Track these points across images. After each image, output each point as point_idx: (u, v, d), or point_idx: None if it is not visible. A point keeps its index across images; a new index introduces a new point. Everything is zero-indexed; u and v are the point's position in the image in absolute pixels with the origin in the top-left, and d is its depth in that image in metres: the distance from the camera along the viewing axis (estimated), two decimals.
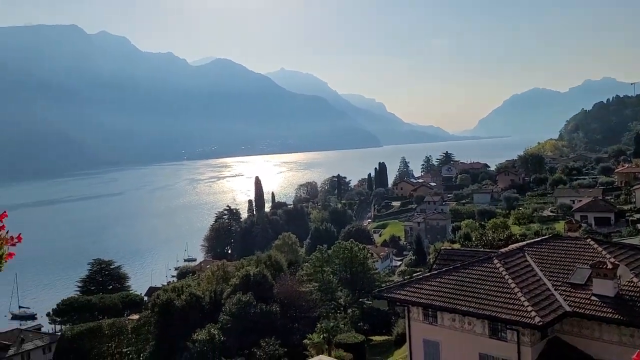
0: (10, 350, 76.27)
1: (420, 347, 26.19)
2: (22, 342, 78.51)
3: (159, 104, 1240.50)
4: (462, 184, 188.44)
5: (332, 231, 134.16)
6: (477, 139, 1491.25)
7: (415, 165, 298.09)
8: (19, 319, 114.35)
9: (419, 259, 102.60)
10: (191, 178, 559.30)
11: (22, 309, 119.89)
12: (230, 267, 78.31)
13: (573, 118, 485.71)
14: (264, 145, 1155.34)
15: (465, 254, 30.53)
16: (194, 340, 54.70)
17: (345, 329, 50.31)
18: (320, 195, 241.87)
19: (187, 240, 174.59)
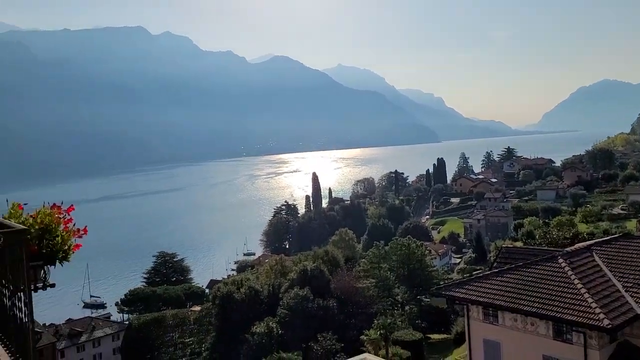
0: (82, 337, 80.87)
1: (481, 347, 25.67)
2: (93, 329, 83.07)
3: (219, 102, 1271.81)
4: (524, 180, 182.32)
5: (390, 227, 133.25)
6: (541, 133, 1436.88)
7: (475, 161, 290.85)
8: (90, 308, 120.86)
9: (479, 257, 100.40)
10: (250, 174, 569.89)
11: (92, 298, 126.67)
12: (288, 261, 79.45)
13: None
14: (321, 141, 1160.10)
15: (528, 253, 29.64)
16: (253, 333, 55.93)
17: (402, 326, 50.01)
18: (378, 191, 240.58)
19: (246, 235, 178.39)
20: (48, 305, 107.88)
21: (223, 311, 64.44)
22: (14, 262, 4.48)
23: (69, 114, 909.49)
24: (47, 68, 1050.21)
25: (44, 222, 4.88)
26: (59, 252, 4.90)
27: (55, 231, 4.91)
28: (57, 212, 5.01)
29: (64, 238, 4.94)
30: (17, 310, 4.58)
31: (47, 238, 4.86)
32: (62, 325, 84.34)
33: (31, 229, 4.77)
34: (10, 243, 4.51)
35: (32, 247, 4.68)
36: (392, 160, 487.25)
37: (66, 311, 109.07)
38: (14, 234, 4.47)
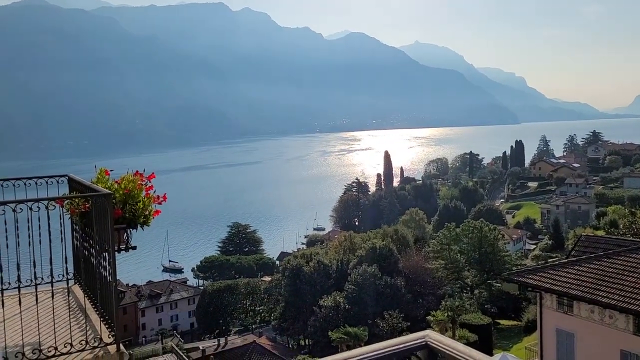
0: (161, 298, 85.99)
1: (553, 336, 24.80)
2: (171, 292, 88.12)
3: (295, 78, 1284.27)
4: (610, 167, 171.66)
5: (462, 209, 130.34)
6: (632, 117, 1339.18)
7: (556, 144, 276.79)
8: (169, 272, 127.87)
9: (556, 244, 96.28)
10: (322, 150, 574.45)
11: (171, 263, 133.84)
12: (357, 238, 79.95)
13: None
14: (395, 119, 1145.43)
15: (609, 242, 28.08)
16: (321, 306, 57.08)
17: (471, 309, 49.18)
18: (451, 172, 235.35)
19: (316, 210, 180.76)
20: (131, 267, 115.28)
21: (292, 283, 66.11)
22: (101, 223, 4.83)
23: (159, 88, 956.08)
24: (138, 43, 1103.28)
25: (127, 188, 5.22)
26: (140, 217, 5.23)
27: (138, 197, 5.24)
28: (140, 179, 5.33)
29: (145, 204, 5.26)
30: (102, 269, 4.94)
31: (130, 203, 5.19)
32: (143, 286, 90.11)
33: (116, 194, 5.11)
34: (97, 205, 4.87)
35: (117, 211, 5.02)
36: (468, 141, 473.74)
37: (147, 274, 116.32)
38: (101, 197, 4.81)
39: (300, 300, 64.64)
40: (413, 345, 4.09)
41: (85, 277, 5.79)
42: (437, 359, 4.08)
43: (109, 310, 4.93)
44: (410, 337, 4.20)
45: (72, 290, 6.17)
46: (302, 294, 64.44)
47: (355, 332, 46.21)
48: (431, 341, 4.03)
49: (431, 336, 4.19)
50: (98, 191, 4.98)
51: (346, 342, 45.94)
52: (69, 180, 6.48)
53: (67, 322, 4.95)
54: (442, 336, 4.21)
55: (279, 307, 71.58)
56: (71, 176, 6.43)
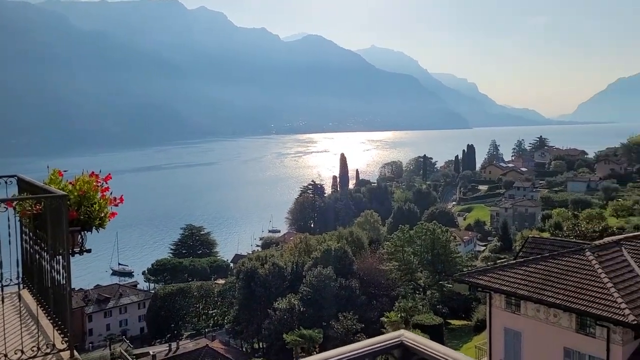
0: (110, 303, 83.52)
1: (501, 335, 25.64)
2: (120, 296, 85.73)
3: (252, 79, 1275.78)
4: (555, 171, 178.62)
5: (415, 212, 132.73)
6: (576, 124, 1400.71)
7: (505, 149, 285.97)
8: (118, 275, 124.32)
9: (504, 246, 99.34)
10: (279, 152, 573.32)
11: (121, 266, 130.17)
12: (312, 240, 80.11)
13: None
14: (351, 122, 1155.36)
15: (554, 244, 29.24)
16: (275, 309, 56.86)
17: (423, 310, 50.17)
18: (405, 175, 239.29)
19: (272, 212, 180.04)
20: (79, 271, 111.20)
21: (247, 286, 65.58)
22: (54, 226, 4.68)
23: (112, 86, 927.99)
24: (88, 39, 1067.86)
25: (82, 189, 5.08)
26: (96, 219, 5.10)
27: (93, 198, 5.10)
28: (95, 180, 5.20)
29: (101, 205, 5.13)
30: (55, 273, 4.79)
31: (85, 205, 5.06)
32: (90, 290, 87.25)
33: (70, 195, 4.96)
34: (51, 208, 4.72)
35: (71, 213, 4.88)
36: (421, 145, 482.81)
37: (95, 278, 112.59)
38: (55, 199, 4.66)
39: (254, 303, 64.20)
40: (389, 344, 4.21)
41: (37, 281, 5.59)
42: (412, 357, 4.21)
43: (63, 315, 4.78)
44: (385, 337, 4.32)
45: (21, 295, 5.94)
46: (257, 296, 64.03)
47: (310, 335, 46.30)
48: (406, 340, 4.17)
49: (406, 335, 4.34)
50: (52, 192, 4.83)
51: (301, 344, 45.96)
52: (18, 181, 6.20)
53: (18, 328, 4.77)
54: (416, 335, 4.36)
55: (232, 310, 70.86)
56: (21, 176, 6.16)
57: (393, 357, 4.17)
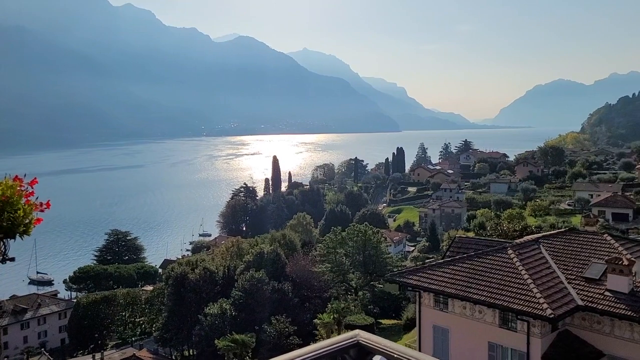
0: (27, 314, 78.54)
1: (430, 332, 26.42)
2: (39, 306, 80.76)
3: (182, 79, 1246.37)
4: (479, 173, 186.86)
5: (347, 214, 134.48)
6: (497, 128, 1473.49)
7: (433, 151, 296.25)
8: (37, 284, 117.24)
9: (432, 246, 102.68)
10: (209, 154, 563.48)
11: (39, 275, 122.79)
12: (244, 244, 79.30)
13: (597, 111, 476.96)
14: (283, 124, 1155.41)
15: (479, 243, 30.53)
16: (206, 314, 55.71)
17: (355, 310, 50.86)
18: (337, 177, 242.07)
19: (203, 216, 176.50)
20: None
21: (176, 291, 63.84)
22: None
23: (31, 83, 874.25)
24: (4, 34, 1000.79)
25: (5, 195, 4.74)
26: (20, 226, 4.78)
27: (17, 204, 4.78)
28: (19, 185, 4.87)
29: (25, 211, 4.82)
30: None
31: (8, 211, 4.73)
32: (5, 301, 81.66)
33: None
34: None
35: None
36: (353, 147, 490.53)
37: (10, 287, 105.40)
38: None
39: (184, 309, 62.60)
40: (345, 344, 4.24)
41: None
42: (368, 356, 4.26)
43: None
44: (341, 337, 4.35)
45: None
46: (187, 302, 62.49)
47: (243, 339, 45.72)
48: (362, 339, 4.22)
49: (361, 335, 4.40)
50: None
51: (233, 349, 45.27)
52: None
53: None
54: (371, 334, 4.43)
55: (161, 317, 68.69)
56: None
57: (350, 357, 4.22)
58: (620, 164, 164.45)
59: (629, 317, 20.83)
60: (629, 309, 20.98)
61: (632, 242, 27.55)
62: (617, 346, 21.48)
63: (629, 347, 21.17)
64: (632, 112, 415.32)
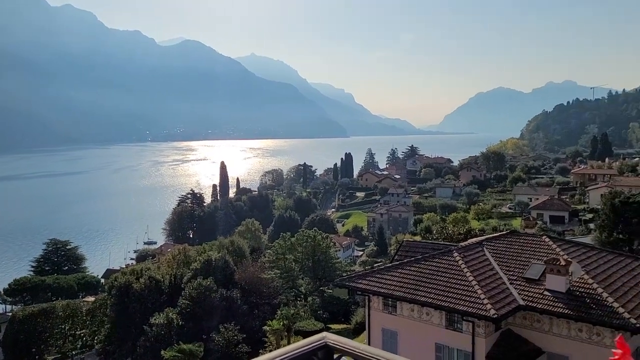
0: None
1: (379, 335, 26.62)
2: None
3: (124, 83, 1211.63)
4: (425, 178, 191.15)
5: (296, 219, 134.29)
6: (442, 134, 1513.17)
7: (380, 157, 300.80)
8: None
9: (381, 250, 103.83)
10: (155, 160, 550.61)
11: None
12: (191, 251, 77.64)
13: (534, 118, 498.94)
14: (231, 130, 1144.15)
15: (426, 247, 31.11)
16: (152, 324, 54.12)
17: (305, 316, 50.66)
18: (286, 183, 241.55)
19: (148, 223, 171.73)
20: None
21: (120, 302, 61.67)
22: None
23: None
24: None
25: None
26: None
27: None
28: None
29: None
30: None
31: None
32: None
33: None
34: None
35: None
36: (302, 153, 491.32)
37: None
38: None
39: (128, 319, 60.53)
40: (313, 347, 4.12)
41: None
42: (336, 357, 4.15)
43: None
44: (309, 340, 4.22)
45: None
46: (131, 312, 60.47)
47: (190, 349, 44.66)
48: (330, 341, 4.11)
49: (329, 337, 4.31)
50: None
51: (180, 359, 44.17)
52: None
53: None
54: (338, 336, 4.34)
55: (104, 329, 66.16)
56: None
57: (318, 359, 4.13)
58: (556, 168, 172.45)
59: (566, 315, 21.70)
60: (566, 307, 21.86)
61: (568, 243, 28.79)
62: (555, 343, 22.33)
63: (565, 343, 22.04)
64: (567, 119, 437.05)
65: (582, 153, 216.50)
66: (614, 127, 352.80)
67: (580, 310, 21.54)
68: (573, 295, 22.53)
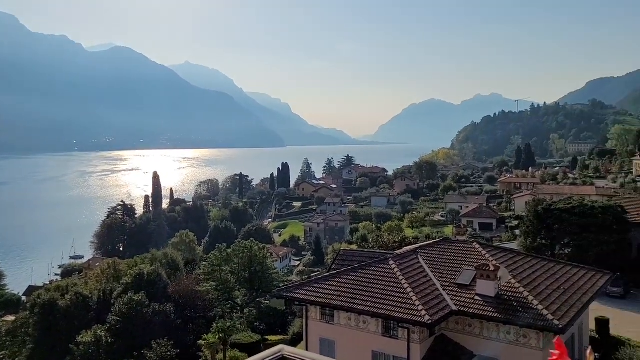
0: None
1: (317, 345, 26.53)
2: None
3: (49, 90, 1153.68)
4: (361, 187, 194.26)
5: (232, 230, 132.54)
6: (377, 144, 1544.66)
7: (317, 167, 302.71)
8: None
9: (318, 259, 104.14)
10: (82, 170, 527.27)
11: None
12: (122, 265, 74.72)
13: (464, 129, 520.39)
14: (164, 139, 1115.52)
15: (363, 255, 31.44)
16: (79, 343, 51.50)
17: (241, 328, 49.80)
18: (222, 193, 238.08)
19: (74, 237, 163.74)
20: None
21: (44, 320, 58.17)
22: None
23: None
24: None
25: None
26: None
27: None
28: None
29: None
30: None
31: None
32: None
33: None
34: None
35: None
36: (238, 163, 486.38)
37: None
38: None
39: (53, 338, 57.20)
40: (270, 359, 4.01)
41: None
42: None
43: None
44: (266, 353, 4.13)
45: None
46: (57, 331, 57.20)
47: None
48: (286, 354, 4.04)
49: (286, 350, 4.23)
50: None
51: None
52: None
53: None
54: (295, 349, 4.26)
55: (25, 349, 62.16)
56: None
57: None
58: (485, 177, 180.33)
59: (495, 319, 22.54)
60: (495, 311, 22.70)
61: (497, 249, 30.01)
62: (487, 346, 23.11)
63: (496, 346, 22.86)
64: (494, 130, 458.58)
65: (508, 163, 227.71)
66: (537, 137, 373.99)
67: (508, 313, 22.43)
68: (502, 299, 23.44)
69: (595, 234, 46.04)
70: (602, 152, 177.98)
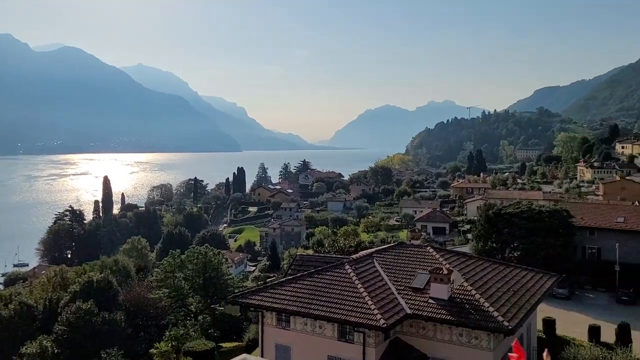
0: None
1: (272, 351, 26.29)
2: None
3: None
4: (317, 192, 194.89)
5: (186, 235, 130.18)
6: (333, 149, 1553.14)
7: (273, 171, 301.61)
8: None
9: (273, 265, 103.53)
10: (28, 174, 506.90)
11: None
12: (70, 272, 72.03)
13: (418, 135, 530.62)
14: (115, 143, 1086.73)
15: (319, 260, 31.42)
16: (22, 354, 49.34)
17: (195, 336, 48.89)
18: (175, 198, 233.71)
19: (18, 244, 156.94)
20: None
21: None
22: None
23: None
24: None
25: None
26: None
27: None
28: None
29: None
30: None
31: None
32: None
33: None
34: None
35: None
36: (192, 167, 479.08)
37: None
38: None
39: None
40: None
41: None
42: None
43: None
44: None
45: None
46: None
47: None
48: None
49: (249, 358, 4.08)
50: None
51: None
52: None
53: None
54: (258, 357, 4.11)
55: None
56: None
57: None
58: (438, 182, 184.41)
59: (448, 321, 22.96)
60: (448, 313, 23.13)
61: (450, 253, 30.63)
62: (440, 348, 23.51)
63: (449, 348, 23.29)
64: (447, 136, 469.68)
65: (460, 168, 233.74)
66: (487, 144, 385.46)
67: (461, 315, 22.89)
68: (454, 302, 23.90)
69: (542, 237, 47.72)
70: (548, 159, 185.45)
